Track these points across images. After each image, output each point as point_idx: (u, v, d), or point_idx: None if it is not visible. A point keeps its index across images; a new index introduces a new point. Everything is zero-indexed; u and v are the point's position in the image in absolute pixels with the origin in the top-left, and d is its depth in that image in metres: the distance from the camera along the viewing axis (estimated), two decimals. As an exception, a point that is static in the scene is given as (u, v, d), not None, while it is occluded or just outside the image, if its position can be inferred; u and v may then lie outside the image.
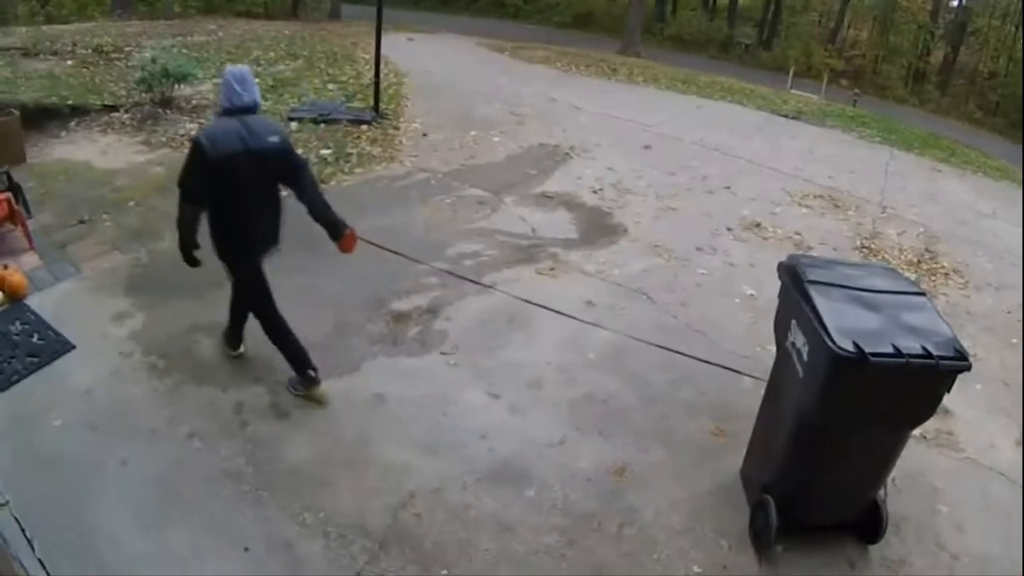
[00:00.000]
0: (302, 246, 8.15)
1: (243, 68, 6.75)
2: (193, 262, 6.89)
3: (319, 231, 7.17)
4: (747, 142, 18.28)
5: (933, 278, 11.87)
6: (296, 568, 5.74)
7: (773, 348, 6.52)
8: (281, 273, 9.12)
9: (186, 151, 6.61)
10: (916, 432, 7.14)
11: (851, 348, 5.26)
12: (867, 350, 5.21)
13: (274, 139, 6.71)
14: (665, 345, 8.93)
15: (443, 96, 18.73)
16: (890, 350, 5.29)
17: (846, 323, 5.51)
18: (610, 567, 6.03)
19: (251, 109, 6.67)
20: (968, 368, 5.42)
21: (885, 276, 6.34)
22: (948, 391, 5.59)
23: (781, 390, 6.25)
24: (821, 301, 5.71)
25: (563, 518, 6.41)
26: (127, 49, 18.86)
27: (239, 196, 6.70)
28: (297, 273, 9.25)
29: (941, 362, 5.31)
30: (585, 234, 11.69)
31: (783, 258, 6.55)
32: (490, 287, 9.77)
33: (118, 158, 12.52)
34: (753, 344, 8.99)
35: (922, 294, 6.14)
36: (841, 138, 21.16)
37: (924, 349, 5.34)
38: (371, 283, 9.48)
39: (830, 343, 5.32)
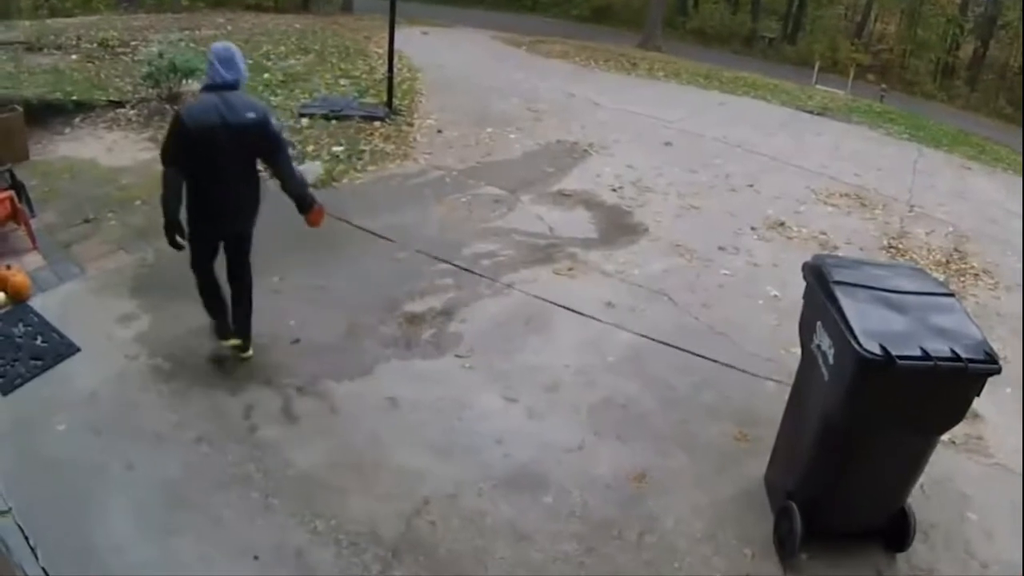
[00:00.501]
0: (312, 246, 8.17)
1: (227, 45, 7.16)
2: (177, 245, 7.19)
3: (329, 231, 7.21)
4: (771, 139, 18.23)
5: (962, 279, 11.81)
6: (306, 576, 5.74)
7: (798, 350, 6.50)
8: (291, 273, 9.19)
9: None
10: (945, 437, 7.12)
11: (878, 351, 5.23)
12: (894, 353, 5.19)
13: (251, 115, 7.00)
14: (686, 348, 8.90)
15: (458, 91, 18.73)
16: (918, 353, 5.27)
17: (872, 325, 5.48)
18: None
19: (232, 85, 6.99)
20: (998, 371, 5.40)
21: (913, 277, 6.31)
22: (978, 395, 5.56)
23: (806, 393, 6.23)
24: (847, 302, 5.69)
25: (581, 525, 6.40)
26: (133, 43, 18.88)
27: (216, 169, 7.05)
28: (308, 273, 9.29)
29: (970, 365, 5.29)
30: (604, 233, 11.68)
31: (808, 258, 6.52)
32: (507, 288, 9.77)
33: (124, 155, 12.54)
34: (777, 346, 8.95)
35: (951, 295, 6.12)
36: (868, 135, 21.08)
37: (953, 352, 5.32)
38: (384, 284, 9.49)
39: (856, 345, 5.30)
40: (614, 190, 13.33)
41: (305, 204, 7.53)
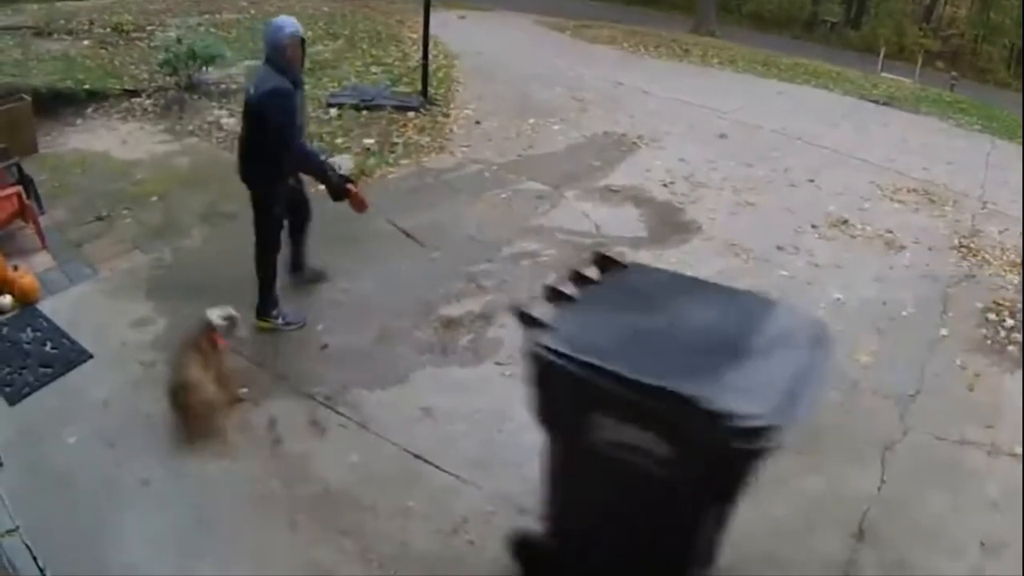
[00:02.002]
0: (342, 246, 8.15)
1: (275, 23, 7.80)
2: None
3: (359, 229, 7.15)
4: (833, 130, 18.02)
5: (1038, 280, 11.65)
6: (334, 601, 5.72)
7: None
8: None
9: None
10: (1018, 449, 7.05)
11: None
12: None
13: (251, 90, 7.87)
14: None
15: (498, 80, 18.66)
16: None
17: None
18: (684, 602, 5.95)
19: (266, 59, 7.77)
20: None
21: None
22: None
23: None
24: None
25: (630, 547, 6.33)
26: (149, 28, 19.01)
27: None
28: (338, 275, 9.28)
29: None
30: (654, 232, 11.60)
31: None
32: (549, 290, 9.66)
33: (139, 148, 12.62)
34: (840, 353, 8.82)
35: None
36: (937, 126, 20.82)
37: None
38: (418, 286, 9.45)
39: None
40: (665, 185, 13.22)
41: (329, 187, 8.13)
